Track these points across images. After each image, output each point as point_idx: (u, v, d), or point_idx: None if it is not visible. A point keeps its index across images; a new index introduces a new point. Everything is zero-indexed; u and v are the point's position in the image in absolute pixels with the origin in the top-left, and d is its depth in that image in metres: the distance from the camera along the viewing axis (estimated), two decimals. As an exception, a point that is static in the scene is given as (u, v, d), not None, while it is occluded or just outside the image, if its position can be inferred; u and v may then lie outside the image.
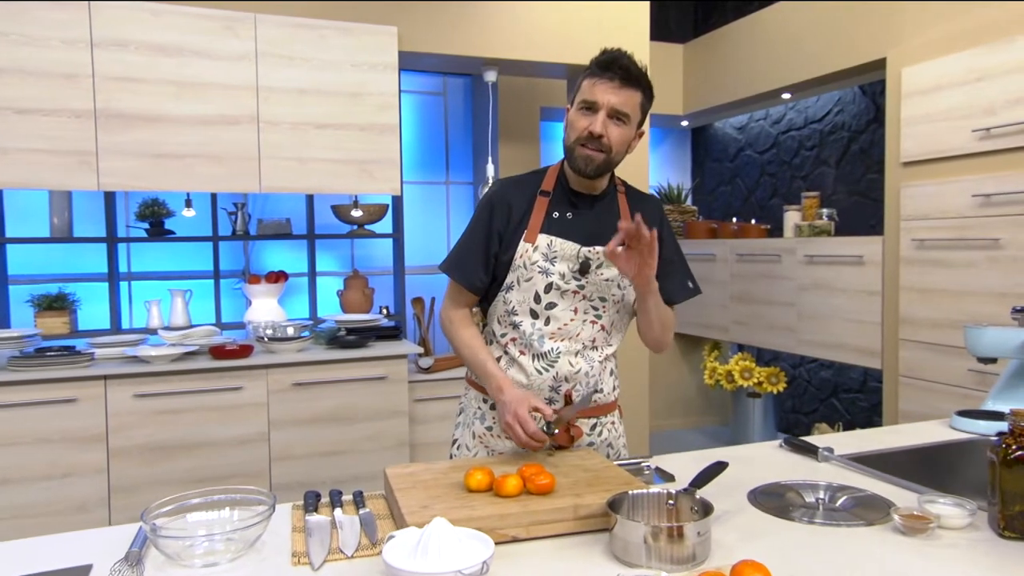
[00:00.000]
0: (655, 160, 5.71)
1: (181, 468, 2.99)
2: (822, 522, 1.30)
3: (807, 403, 4.84)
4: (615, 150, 1.56)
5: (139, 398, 2.94)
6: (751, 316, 4.35)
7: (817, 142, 4.65)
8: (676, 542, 1.12)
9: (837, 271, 3.74)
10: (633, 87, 1.52)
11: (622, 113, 1.52)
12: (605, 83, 1.51)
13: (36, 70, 2.88)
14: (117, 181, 2.99)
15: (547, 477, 1.30)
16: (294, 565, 1.15)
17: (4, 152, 2.87)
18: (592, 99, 1.52)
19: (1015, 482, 1.22)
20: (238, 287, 3.95)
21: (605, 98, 1.51)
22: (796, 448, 1.74)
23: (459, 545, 1.04)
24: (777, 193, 4.97)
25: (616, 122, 1.53)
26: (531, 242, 1.59)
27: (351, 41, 3.27)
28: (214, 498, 1.24)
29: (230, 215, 4.02)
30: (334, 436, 3.21)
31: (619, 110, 1.52)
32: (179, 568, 1.14)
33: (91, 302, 3.81)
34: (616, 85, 1.51)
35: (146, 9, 2.98)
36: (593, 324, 1.62)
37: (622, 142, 1.56)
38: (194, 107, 3.07)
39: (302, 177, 3.25)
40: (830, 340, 3.79)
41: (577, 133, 1.55)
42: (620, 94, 1.51)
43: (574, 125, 1.56)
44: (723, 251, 4.58)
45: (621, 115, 1.53)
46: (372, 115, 3.33)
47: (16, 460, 2.79)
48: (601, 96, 1.51)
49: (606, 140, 1.53)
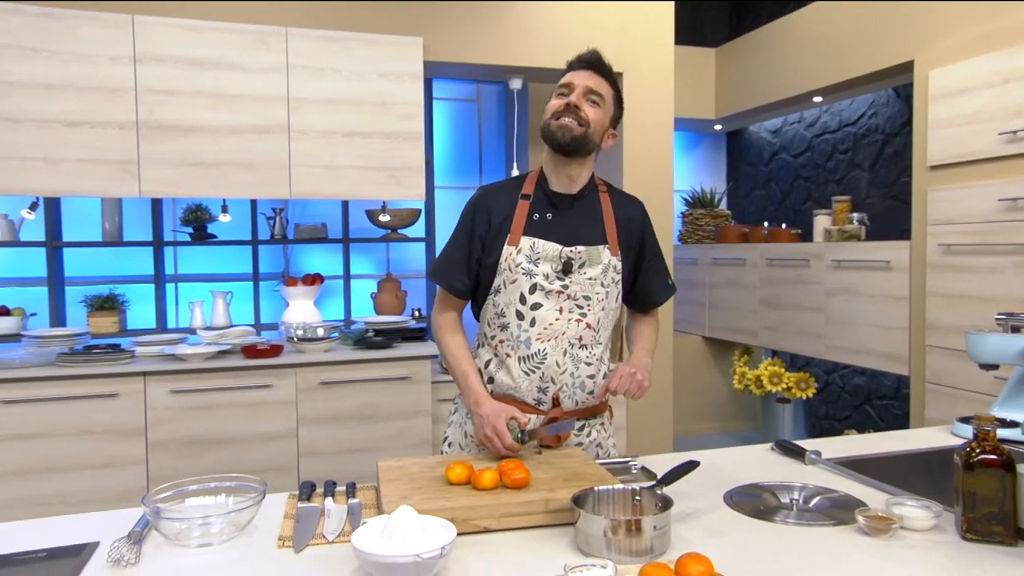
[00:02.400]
0: (689, 164, 5.71)
1: (214, 461, 3.14)
2: (791, 522, 1.33)
3: (841, 409, 4.78)
4: (592, 127, 1.64)
5: (175, 394, 3.10)
6: (780, 321, 4.32)
7: (851, 145, 4.60)
8: (634, 535, 1.17)
9: (865, 276, 3.70)
10: (605, 77, 1.66)
11: (596, 93, 1.63)
12: (579, 71, 1.65)
13: (85, 85, 3.07)
14: (157, 188, 3.16)
15: (522, 472, 1.37)
16: (279, 548, 1.24)
17: (55, 162, 3.06)
18: (567, 82, 1.65)
19: (978, 485, 1.23)
20: (277, 289, 4.11)
21: (579, 80, 1.64)
22: (786, 451, 1.76)
23: (422, 532, 1.11)
24: (811, 197, 4.92)
25: (591, 103, 1.63)
26: (514, 245, 1.65)
27: (378, 52, 3.39)
28: (210, 485, 1.34)
29: (268, 220, 4.19)
30: (359, 434, 3.32)
31: (593, 89, 1.63)
32: (175, 547, 1.24)
33: (139, 303, 4.03)
34: (588, 72, 1.64)
35: (184, 26, 3.15)
36: (579, 322, 1.66)
37: (597, 121, 1.64)
38: (228, 117, 3.22)
39: (331, 184, 3.37)
40: (857, 346, 3.75)
41: (554, 110, 1.64)
42: (593, 78, 1.64)
43: (551, 107, 1.66)
44: (753, 256, 4.56)
45: (595, 94, 1.63)
46: (398, 123, 3.44)
47: (62, 450, 2.98)
48: (575, 79, 1.64)
49: (583, 114, 1.62)
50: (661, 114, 3.87)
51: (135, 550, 1.19)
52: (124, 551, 1.17)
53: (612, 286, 1.71)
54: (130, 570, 1.16)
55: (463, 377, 1.67)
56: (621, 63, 3.80)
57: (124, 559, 1.16)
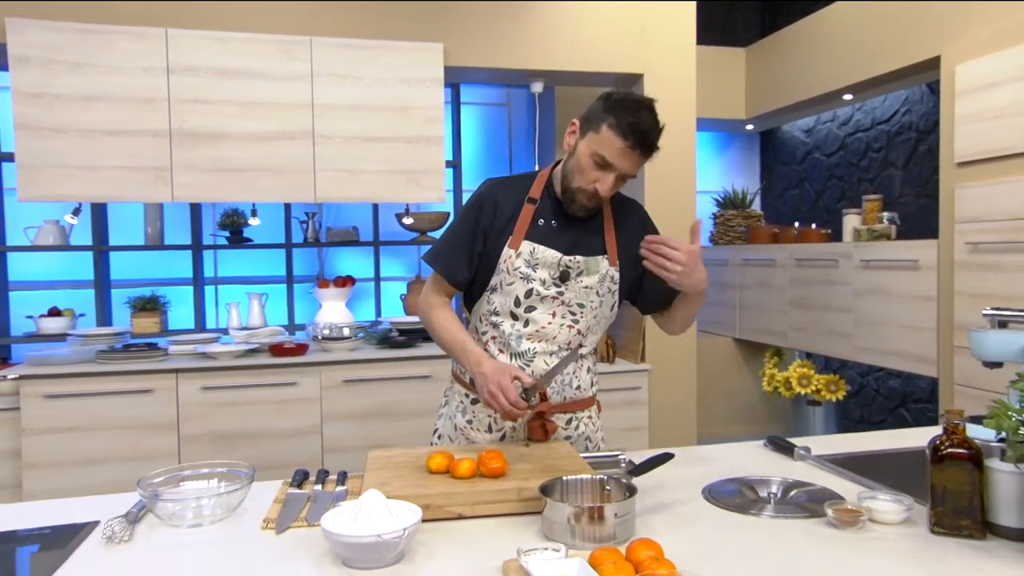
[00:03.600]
0: (722, 164, 5.67)
1: (242, 456, 3.26)
2: (763, 514, 1.35)
3: (875, 413, 4.68)
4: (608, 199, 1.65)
5: (206, 390, 3.23)
6: (809, 322, 4.26)
7: (884, 143, 4.51)
8: (597, 522, 1.20)
9: (893, 276, 3.63)
10: (650, 156, 1.58)
11: (629, 176, 1.60)
12: (631, 151, 1.54)
13: (122, 96, 3.23)
14: (188, 193, 3.31)
15: (499, 462, 1.41)
16: (262, 529, 1.31)
17: (95, 170, 3.23)
18: (612, 161, 1.55)
19: (947, 479, 1.23)
20: (312, 291, 4.25)
21: (622, 165, 1.56)
22: (777, 447, 1.77)
23: (389, 515, 1.17)
24: (845, 196, 4.84)
25: (620, 180, 1.61)
26: (515, 248, 1.65)
27: (399, 59, 3.48)
28: (203, 471, 1.42)
29: (302, 224, 4.33)
30: (381, 431, 3.40)
31: (629, 175, 1.59)
32: (168, 528, 1.32)
33: (180, 304, 4.21)
34: (638, 156, 1.55)
35: (213, 37, 3.29)
36: (570, 328, 1.68)
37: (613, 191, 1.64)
38: (255, 124, 3.35)
39: (354, 187, 3.47)
40: (886, 347, 3.68)
41: (585, 182, 1.60)
42: (637, 164, 1.57)
43: (584, 173, 1.60)
44: (782, 256, 4.50)
45: (627, 177, 1.60)
46: (419, 128, 3.52)
47: (101, 443, 3.13)
48: (620, 163, 1.55)
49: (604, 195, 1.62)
50: (683, 115, 3.86)
51: (129, 529, 1.28)
52: (117, 529, 1.25)
53: (608, 295, 1.72)
54: (123, 546, 1.24)
55: (459, 344, 1.66)
56: (641, 64, 3.81)
57: (117, 536, 1.24)
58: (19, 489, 3.11)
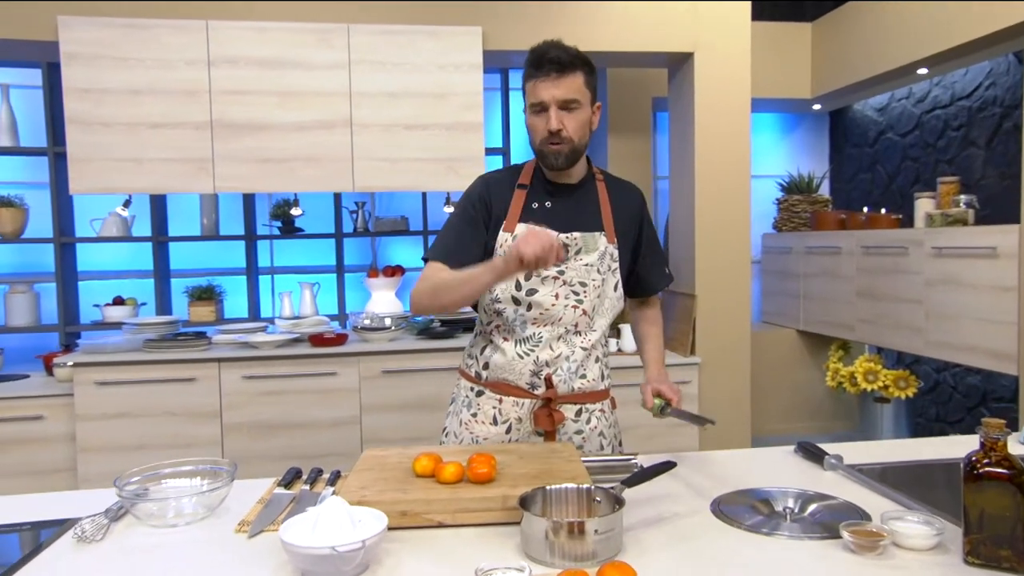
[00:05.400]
0: (787, 147, 5.38)
1: (283, 445, 3.28)
2: (774, 532, 1.21)
3: (952, 411, 4.36)
4: (576, 137, 1.61)
5: (247, 379, 3.26)
6: (877, 314, 3.98)
7: (964, 121, 4.16)
8: (576, 539, 1.10)
9: (969, 265, 3.33)
10: (570, 72, 1.56)
11: (570, 101, 1.57)
12: (544, 80, 1.56)
13: (166, 89, 3.27)
14: (229, 184, 3.33)
15: (486, 467, 1.32)
16: (235, 532, 1.26)
17: (141, 162, 3.29)
18: (538, 99, 1.58)
19: (985, 502, 1.07)
20: (363, 281, 4.26)
21: (549, 94, 1.57)
22: (808, 454, 1.61)
23: (351, 524, 1.09)
24: (920, 179, 4.51)
25: (568, 112, 1.58)
26: (510, 231, 1.64)
27: (437, 44, 3.40)
28: (185, 468, 1.38)
29: (351, 213, 4.34)
30: (420, 422, 3.36)
31: (566, 99, 1.57)
32: (145, 527, 1.29)
33: (236, 293, 4.29)
34: (554, 78, 1.56)
35: (252, 28, 3.29)
36: (575, 309, 1.64)
37: (580, 126, 1.61)
38: (294, 115, 3.34)
39: (392, 176, 3.42)
40: (960, 342, 3.39)
41: (539, 135, 1.61)
42: (561, 85, 1.56)
43: (534, 128, 1.62)
44: (849, 243, 4.22)
45: (570, 103, 1.58)
46: (457, 114, 3.44)
47: (149, 429, 3.20)
48: (545, 93, 1.57)
49: (565, 132, 1.58)
50: (736, 96, 3.65)
51: (104, 528, 1.25)
52: (88, 529, 1.22)
53: (609, 274, 1.68)
54: (92, 547, 1.21)
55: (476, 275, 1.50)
56: (691, 42, 3.62)
57: (88, 536, 1.22)
58: (75, 472, 3.22)
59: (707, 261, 3.73)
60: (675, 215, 4.01)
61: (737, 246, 3.76)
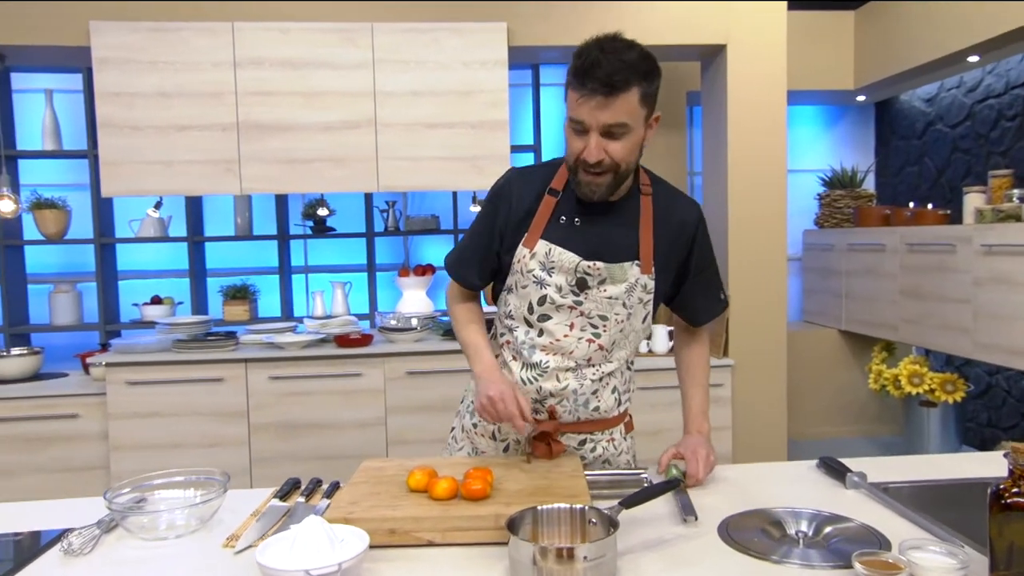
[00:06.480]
0: (830, 140, 5.19)
1: (310, 445, 3.28)
2: (785, 560, 1.13)
3: (1006, 416, 4.15)
4: (623, 163, 1.38)
5: (274, 380, 3.27)
6: (922, 314, 3.81)
7: (1020, 110, 3.95)
8: (564, 564, 1.04)
9: (1020, 263, 3.16)
10: (622, 92, 1.30)
11: (617, 126, 1.33)
12: (588, 100, 1.31)
13: (193, 91, 3.30)
14: (256, 185, 3.34)
15: (481, 484, 1.27)
16: (223, 546, 1.23)
17: (170, 164, 3.32)
18: (579, 119, 1.34)
19: (1012, 534, 0.98)
20: (395, 280, 4.25)
21: (593, 118, 1.32)
22: (830, 470, 1.52)
23: (330, 545, 1.05)
24: (971, 172, 4.30)
25: (613, 138, 1.35)
26: (529, 247, 1.47)
27: (462, 41, 3.35)
28: (177, 479, 1.36)
29: (382, 212, 4.33)
30: (445, 423, 3.29)
31: (612, 124, 1.33)
32: (135, 539, 1.27)
33: (270, 293, 4.32)
34: (600, 100, 1.30)
35: (277, 28, 3.29)
36: (590, 343, 1.48)
37: (628, 152, 1.37)
38: (319, 115, 3.33)
39: (416, 175, 3.39)
40: (1011, 344, 3.21)
41: (573, 156, 1.40)
42: (608, 108, 1.31)
43: (570, 146, 1.40)
44: (893, 240, 4.05)
45: (617, 127, 1.34)
46: (482, 112, 3.39)
47: (180, 428, 3.24)
48: (588, 116, 1.33)
49: (607, 161, 1.36)
50: (772, 89, 3.52)
51: (94, 540, 1.24)
52: (76, 543, 1.21)
53: (638, 306, 1.50)
54: (80, 560, 1.20)
55: (473, 346, 1.54)
56: (724, 34, 3.50)
57: (76, 550, 1.20)
58: (108, 471, 3.27)
59: (741, 259, 3.61)
60: (707, 212, 3.88)
61: (773, 244, 3.63)
